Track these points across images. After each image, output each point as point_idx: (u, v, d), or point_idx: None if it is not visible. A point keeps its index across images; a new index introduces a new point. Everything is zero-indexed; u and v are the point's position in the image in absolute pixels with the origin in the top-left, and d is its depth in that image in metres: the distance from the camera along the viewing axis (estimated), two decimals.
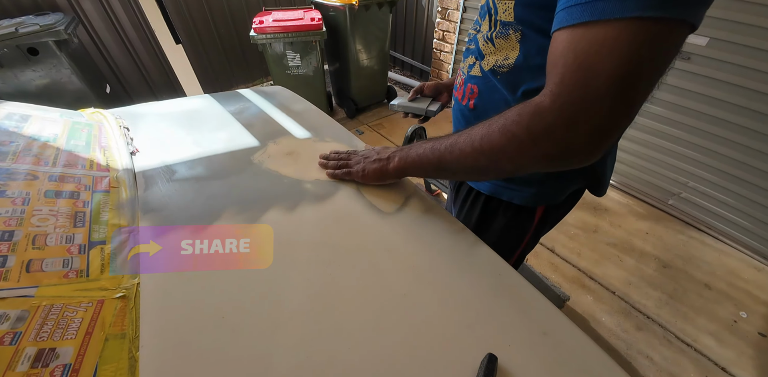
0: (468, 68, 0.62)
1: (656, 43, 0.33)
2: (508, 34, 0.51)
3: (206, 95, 1.06)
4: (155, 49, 2.51)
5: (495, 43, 0.53)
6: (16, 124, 0.74)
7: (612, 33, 0.33)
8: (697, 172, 1.68)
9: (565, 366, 0.41)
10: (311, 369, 0.41)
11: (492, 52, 0.55)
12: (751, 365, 1.25)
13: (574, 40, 0.36)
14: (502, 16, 0.50)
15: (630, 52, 0.33)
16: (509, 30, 0.51)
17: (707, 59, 1.44)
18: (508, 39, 0.51)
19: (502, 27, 0.51)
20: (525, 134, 0.41)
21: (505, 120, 0.43)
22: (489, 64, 0.56)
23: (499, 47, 0.53)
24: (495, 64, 0.55)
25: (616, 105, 0.36)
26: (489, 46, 0.55)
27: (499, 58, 0.54)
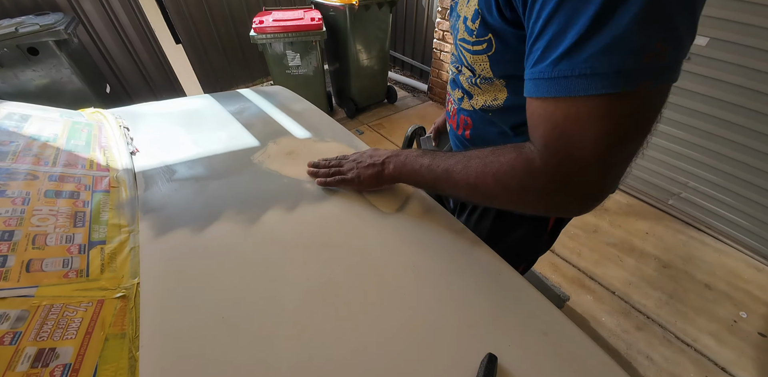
0: (458, 101, 0.61)
1: (634, 111, 0.33)
2: (492, 82, 0.51)
3: (206, 95, 1.06)
4: (155, 49, 2.50)
5: (481, 87, 0.53)
6: (16, 123, 0.74)
7: (584, 109, 0.33)
8: (697, 172, 1.68)
9: (565, 366, 0.41)
10: (311, 368, 0.41)
11: (480, 94, 0.55)
12: (751, 365, 1.25)
13: (548, 111, 0.36)
14: (482, 72, 0.50)
15: (608, 124, 0.33)
16: (492, 80, 0.51)
17: (707, 59, 1.44)
18: (493, 84, 0.51)
19: (483, 78, 0.51)
20: (519, 189, 0.42)
21: (499, 166, 0.43)
22: (478, 104, 0.56)
23: (485, 90, 0.53)
24: (484, 104, 0.55)
25: (604, 171, 0.36)
26: (475, 89, 0.55)
27: (488, 99, 0.54)
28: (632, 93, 0.31)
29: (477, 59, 0.48)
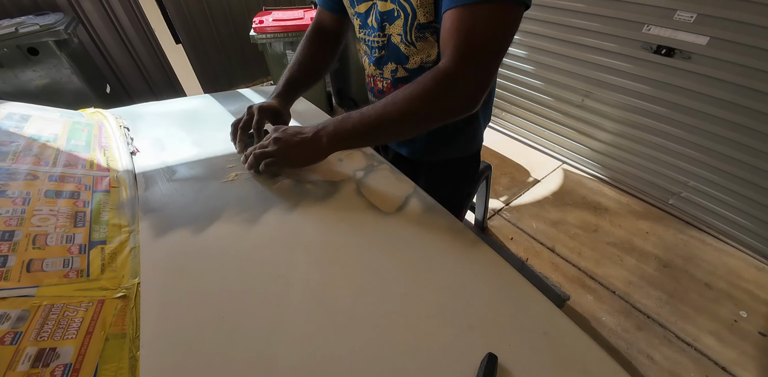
0: (391, 73, 0.71)
1: (512, 20, 0.49)
2: (426, 37, 0.61)
3: (206, 95, 1.06)
4: (155, 49, 2.50)
5: (417, 46, 0.63)
6: (17, 124, 0.74)
7: (494, 12, 0.47)
8: (698, 172, 1.68)
9: (565, 366, 0.41)
10: (311, 368, 0.41)
11: (415, 53, 0.64)
12: (751, 364, 1.25)
13: (465, 17, 0.48)
14: (422, 18, 0.58)
15: (503, 26, 0.49)
16: (426, 33, 0.61)
17: (707, 58, 1.44)
18: (427, 41, 0.62)
19: (418, 31, 0.61)
20: (443, 97, 0.52)
21: (424, 86, 0.53)
22: (416, 63, 0.66)
23: (421, 48, 0.63)
24: (422, 62, 0.65)
25: (491, 66, 0.51)
26: (411, 49, 0.64)
27: (423, 57, 0.65)
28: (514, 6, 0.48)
29: (423, 2, 0.56)
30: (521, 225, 1.81)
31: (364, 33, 0.71)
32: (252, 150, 0.66)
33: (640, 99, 1.71)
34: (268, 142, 0.64)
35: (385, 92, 0.75)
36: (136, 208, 0.62)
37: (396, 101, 0.55)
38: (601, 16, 1.66)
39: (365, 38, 0.71)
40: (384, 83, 0.74)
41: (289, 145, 0.62)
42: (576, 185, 2.07)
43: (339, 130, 0.59)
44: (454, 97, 0.52)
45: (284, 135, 0.63)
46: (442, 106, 0.54)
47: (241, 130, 0.72)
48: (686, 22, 1.43)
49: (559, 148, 2.24)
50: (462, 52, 0.50)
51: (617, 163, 1.99)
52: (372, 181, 0.70)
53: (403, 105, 0.54)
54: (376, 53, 0.70)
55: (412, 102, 0.54)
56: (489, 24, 0.48)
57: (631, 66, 1.67)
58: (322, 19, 0.83)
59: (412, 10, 0.58)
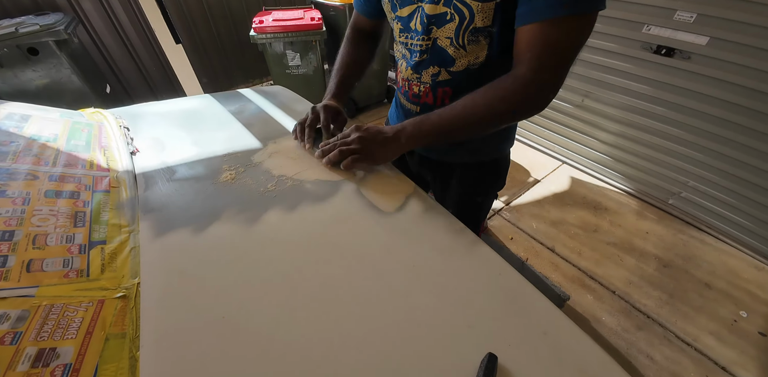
0: (432, 77, 0.71)
1: (591, 26, 0.52)
2: (479, 40, 0.62)
3: (206, 95, 1.06)
4: (155, 49, 2.50)
5: (467, 49, 0.63)
6: (17, 124, 0.74)
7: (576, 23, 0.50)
8: (698, 172, 1.68)
9: (565, 366, 0.41)
10: (311, 368, 0.41)
11: (463, 56, 0.65)
12: (751, 364, 1.25)
13: (545, 32, 0.51)
14: (479, 23, 0.59)
15: (579, 37, 0.52)
16: (479, 36, 0.61)
17: (707, 58, 1.44)
18: (478, 44, 0.62)
19: (472, 34, 0.61)
20: (520, 102, 0.57)
21: (504, 92, 0.57)
22: (462, 66, 0.66)
23: (470, 51, 0.64)
24: (468, 64, 0.66)
25: (567, 70, 0.55)
26: (460, 52, 0.64)
27: (471, 59, 0.65)
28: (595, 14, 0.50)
29: (485, 7, 0.56)
30: (521, 225, 1.81)
31: (405, 36, 0.70)
32: (332, 146, 0.70)
33: (640, 99, 1.71)
34: (352, 139, 0.67)
35: (422, 97, 0.75)
36: (136, 208, 0.62)
37: (476, 104, 0.59)
38: (601, 16, 1.65)
39: (406, 42, 0.70)
40: (422, 87, 0.73)
41: (374, 144, 0.66)
42: (576, 185, 2.07)
43: (417, 131, 0.64)
44: (533, 100, 0.57)
45: (368, 134, 0.67)
46: (519, 109, 0.58)
47: (309, 128, 0.78)
48: (686, 22, 1.43)
49: (559, 148, 2.24)
50: (544, 61, 0.53)
51: (617, 163, 1.99)
52: (372, 181, 0.70)
53: (483, 109, 0.59)
54: (417, 57, 0.69)
55: (492, 106, 0.58)
56: (571, 35, 0.51)
57: (631, 66, 1.67)
58: (360, 22, 0.87)
59: (471, 14, 0.58)
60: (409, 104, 0.79)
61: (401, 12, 0.68)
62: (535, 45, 0.53)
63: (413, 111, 0.79)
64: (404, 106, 0.82)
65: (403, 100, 0.81)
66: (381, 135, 0.66)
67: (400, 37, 0.72)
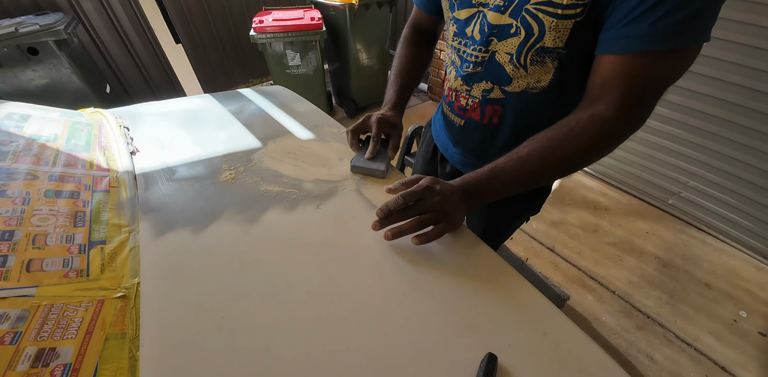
0: (483, 92, 0.62)
1: (691, 62, 0.44)
2: (544, 62, 0.53)
3: (206, 95, 1.06)
4: (155, 49, 2.50)
5: (528, 69, 0.55)
6: (17, 123, 0.74)
7: (670, 59, 0.43)
8: (698, 172, 1.68)
9: (565, 366, 0.41)
10: (311, 368, 0.41)
11: (523, 77, 0.56)
12: (751, 364, 1.25)
13: (637, 64, 0.44)
14: (549, 42, 0.50)
15: (676, 74, 0.45)
16: (546, 58, 0.52)
17: (708, 58, 1.44)
18: (543, 66, 0.53)
19: (537, 54, 0.52)
20: (606, 145, 0.49)
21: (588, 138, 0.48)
22: (520, 87, 0.58)
23: (531, 72, 0.55)
24: (527, 87, 0.57)
25: (649, 115, 0.48)
26: (520, 72, 0.56)
27: (531, 81, 0.56)
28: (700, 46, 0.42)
29: (559, 25, 0.48)
30: (521, 225, 1.81)
31: (458, 42, 0.62)
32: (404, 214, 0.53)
33: None
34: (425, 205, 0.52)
35: (468, 111, 0.67)
36: (135, 208, 0.62)
37: (555, 158, 0.50)
38: None
39: (459, 48, 0.62)
40: (470, 101, 0.65)
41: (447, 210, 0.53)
42: (576, 185, 2.07)
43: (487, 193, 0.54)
44: (614, 145, 0.50)
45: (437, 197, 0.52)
46: (599, 156, 0.51)
47: (352, 133, 0.73)
48: None
49: None
50: (632, 102, 0.46)
51: (617, 163, 1.99)
52: (372, 181, 0.69)
53: (565, 164, 0.51)
54: (470, 68, 0.61)
55: (575, 160, 0.51)
56: (667, 71, 0.44)
57: None
58: (418, 19, 0.80)
59: (541, 31, 0.49)
60: (454, 116, 0.72)
61: (459, 13, 0.59)
62: (626, 80, 0.45)
63: (457, 124, 0.72)
64: (447, 116, 0.75)
65: (447, 110, 0.74)
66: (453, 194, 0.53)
67: (453, 41, 0.64)
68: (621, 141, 0.49)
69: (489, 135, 0.69)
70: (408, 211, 0.52)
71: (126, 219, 0.60)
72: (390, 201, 0.52)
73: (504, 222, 0.87)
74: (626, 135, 0.49)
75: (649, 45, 0.42)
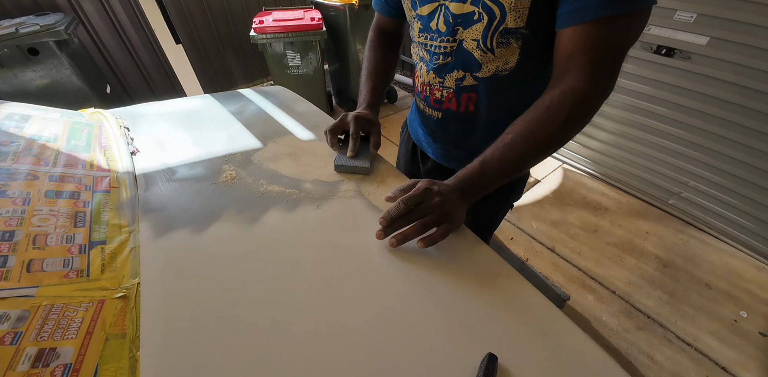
0: (456, 81, 0.65)
1: (643, 24, 0.47)
2: (509, 43, 0.56)
3: (206, 95, 1.06)
4: (155, 49, 2.50)
5: (495, 52, 0.58)
6: (17, 124, 0.74)
7: (630, 20, 0.45)
8: (698, 172, 1.68)
9: (565, 366, 0.41)
10: (311, 368, 0.41)
11: (491, 60, 0.59)
12: (751, 364, 1.25)
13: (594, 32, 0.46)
14: (511, 23, 0.53)
15: (632, 37, 0.47)
16: (510, 39, 0.55)
17: (707, 58, 1.44)
18: (509, 47, 0.56)
19: (502, 36, 0.55)
20: (581, 116, 0.51)
21: (563, 114, 0.50)
22: (490, 71, 0.61)
23: (499, 55, 0.58)
24: (496, 70, 0.60)
25: (615, 79, 0.50)
26: (488, 56, 0.59)
27: (499, 64, 0.59)
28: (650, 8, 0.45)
29: (518, 4, 0.51)
30: (521, 226, 1.81)
31: (425, 37, 0.65)
32: (406, 217, 0.53)
33: (640, 99, 1.71)
34: (426, 207, 0.52)
35: (444, 102, 0.69)
36: (136, 208, 0.62)
37: (538, 139, 0.52)
38: None
39: (426, 43, 0.65)
40: (444, 92, 0.68)
41: (446, 208, 0.52)
42: (576, 185, 2.07)
43: (482, 185, 0.55)
44: (590, 114, 0.52)
45: (433, 196, 0.53)
46: (580, 127, 0.53)
47: (330, 133, 0.73)
48: (686, 22, 1.43)
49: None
50: (597, 69, 0.48)
51: (617, 163, 1.99)
52: (372, 181, 0.70)
53: (548, 142, 0.52)
54: (440, 60, 0.64)
55: (556, 137, 0.52)
56: (623, 35, 0.46)
57: (631, 66, 1.67)
58: (381, 23, 0.84)
59: (502, 13, 0.52)
60: (430, 110, 0.73)
61: (421, 10, 0.62)
62: (587, 49, 0.47)
63: (434, 117, 0.73)
64: (424, 112, 0.76)
65: (423, 105, 0.75)
66: (452, 193, 0.54)
67: (419, 38, 0.67)
68: (596, 109, 0.51)
69: (467, 123, 0.71)
70: (410, 216, 0.52)
71: (126, 220, 0.60)
72: (391, 208, 0.52)
73: (491, 213, 0.88)
74: (599, 102, 0.50)
75: (601, 12, 0.44)
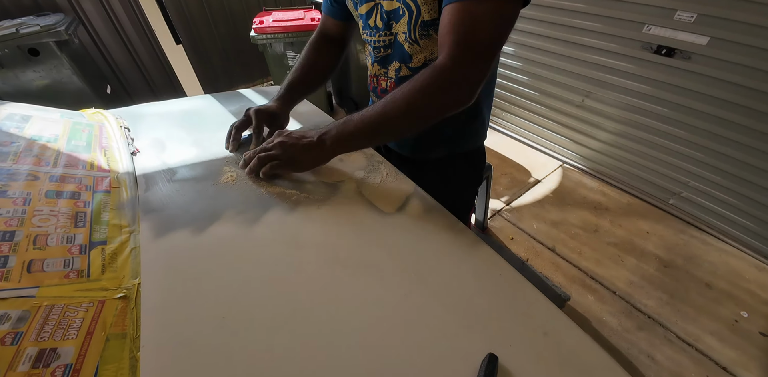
0: (395, 72, 0.72)
1: (510, 16, 0.50)
2: (429, 34, 0.62)
3: (207, 95, 1.06)
4: (155, 50, 2.51)
5: (420, 44, 0.63)
6: (17, 124, 0.74)
7: (489, 7, 0.48)
8: (698, 172, 1.68)
9: (565, 366, 0.41)
10: (311, 368, 0.41)
11: (419, 51, 0.65)
12: (752, 365, 1.25)
13: (467, 10, 0.49)
14: (426, 15, 0.58)
15: (496, 23, 0.49)
16: (430, 30, 0.61)
17: (708, 58, 1.44)
18: (430, 38, 0.62)
19: (422, 28, 0.61)
20: (442, 92, 0.53)
21: (422, 84, 0.53)
22: (420, 62, 0.66)
23: (424, 46, 0.64)
24: (425, 60, 0.66)
25: (487, 61, 0.52)
26: (415, 47, 0.64)
27: (427, 55, 0.65)
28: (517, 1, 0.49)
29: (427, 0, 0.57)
30: (522, 226, 1.81)
31: (367, 33, 0.72)
32: (253, 153, 0.66)
33: (641, 99, 1.71)
34: (272, 145, 0.64)
35: (389, 91, 0.73)
36: (136, 209, 0.62)
37: (395, 99, 0.55)
38: (602, 16, 1.66)
39: (369, 39, 0.72)
40: (388, 82, 0.74)
41: (295, 149, 0.63)
42: (576, 185, 2.07)
43: (341, 132, 0.60)
44: (452, 92, 0.53)
45: (290, 139, 0.64)
46: (440, 102, 0.55)
47: (235, 130, 0.74)
48: (686, 22, 1.43)
49: (559, 148, 2.24)
50: (459, 47, 0.50)
51: (618, 163, 1.99)
52: (372, 181, 0.70)
53: (402, 103, 0.55)
54: (381, 52, 0.71)
55: (410, 99, 0.54)
56: (487, 19, 0.49)
57: (632, 66, 1.67)
58: (326, 25, 0.85)
59: (417, 7, 0.58)
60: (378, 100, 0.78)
61: (361, 9, 0.69)
62: (455, 28, 0.50)
63: None
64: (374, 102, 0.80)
65: (374, 97, 0.82)
66: (304, 139, 0.63)
67: (363, 34, 0.74)
68: (453, 87, 0.53)
69: None
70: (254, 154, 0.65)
71: (127, 220, 0.60)
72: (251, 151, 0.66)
73: (452, 199, 0.90)
74: (460, 83, 0.52)
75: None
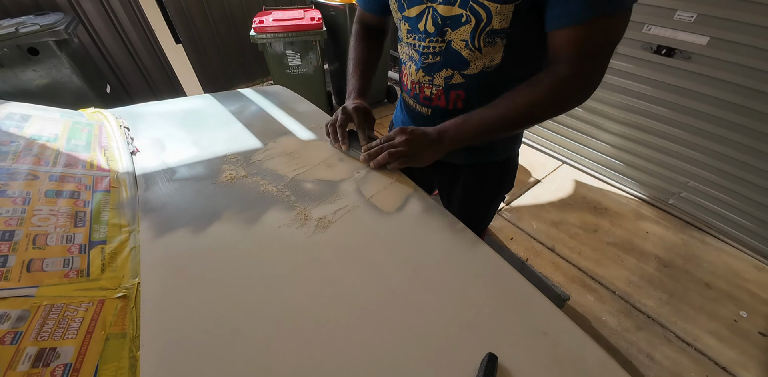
0: (444, 80, 0.69)
1: (625, 24, 0.53)
2: (495, 42, 0.60)
3: (206, 95, 1.06)
4: (155, 49, 2.50)
5: (483, 51, 0.62)
6: (17, 123, 0.74)
7: (612, 22, 0.51)
8: (698, 172, 1.68)
9: (565, 366, 0.41)
10: (311, 368, 0.41)
11: (479, 58, 0.63)
12: (751, 364, 1.25)
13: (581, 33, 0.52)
14: (497, 25, 0.57)
15: (615, 35, 0.53)
16: (496, 38, 0.60)
17: (707, 58, 1.44)
18: (495, 46, 0.61)
19: (488, 36, 0.60)
20: (562, 100, 0.59)
21: (545, 92, 0.58)
22: (477, 68, 0.65)
23: (486, 53, 0.62)
24: (483, 67, 0.65)
25: (606, 66, 0.56)
26: (476, 54, 0.63)
27: (486, 61, 0.64)
28: (629, 10, 0.52)
29: (503, 9, 0.55)
30: (521, 225, 1.81)
31: (413, 38, 0.68)
32: (378, 149, 0.69)
33: (641, 99, 1.71)
34: (399, 142, 0.67)
35: (434, 100, 0.72)
36: (136, 208, 0.62)
37: (517, 105, 0.60)
38: None
39: (415, 43, 0.68)
40: (434, 90, 0.71)
41: (421, 145, 0.66)
42: (576, 185, 2.07)
43: (460, 131, 0.64)
44: (574, 98, 0.59)
45: (414, 137, 0.66)
46: (562, 108, 0.60)
47: (341, 129, 0.76)
48: (686, 22, 1.43)
49: (559, 147, 2.24)
50: (584, 60, 0.54)
51: (617, 163, 1.99)
52: (372, 181, 0.70)
53: (526, 109, 0.60)
54: (429, 59, 0.67)
55: (535, 106, 0.59)
56: (610, 33, 0.52)
57: (632, 66, 1.66)
58: (365, 18, 0.86)
59: (488, 16, 0.57)
60: (420, 107, 0.76)
61: (409, 12, 0.65)
62: (575, 47, 0.53)
63: (424, 114, 0.76)
64: (413, 108, 0.79)
65: (412, 102, 0.78)
66: (427, 137, 0.66)
67: (407, 38, 0.69)
68: (577, 95, 0.58)
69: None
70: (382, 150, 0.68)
71: (126, 220, 0.60)
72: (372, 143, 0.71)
73: (484, 205, 0.95)
74: (581, 89, 0.58)
75: (587, 16, 0.50)
